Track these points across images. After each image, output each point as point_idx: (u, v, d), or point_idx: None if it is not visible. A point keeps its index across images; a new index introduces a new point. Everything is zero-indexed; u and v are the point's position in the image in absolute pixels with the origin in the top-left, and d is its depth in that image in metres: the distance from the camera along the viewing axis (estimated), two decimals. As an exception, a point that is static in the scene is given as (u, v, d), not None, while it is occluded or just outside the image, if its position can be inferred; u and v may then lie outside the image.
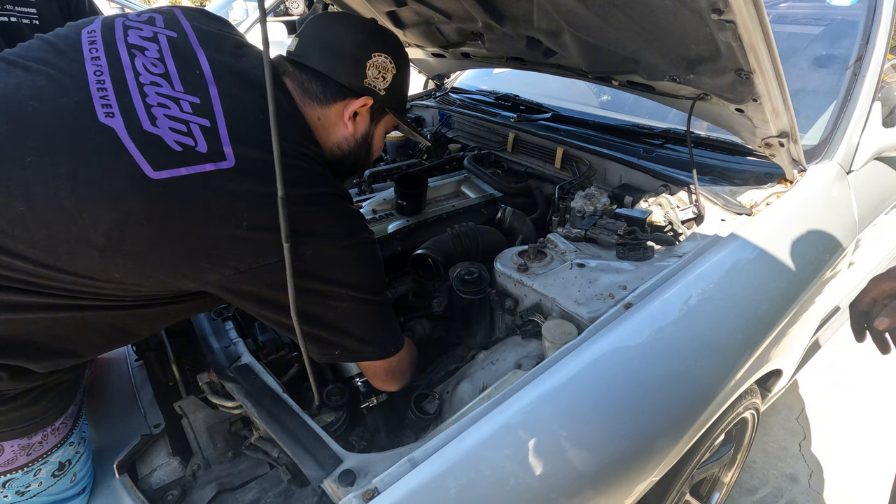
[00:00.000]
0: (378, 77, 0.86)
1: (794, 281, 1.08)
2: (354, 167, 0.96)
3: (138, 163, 0.64)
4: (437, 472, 0.71)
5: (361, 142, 0.92)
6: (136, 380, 1.15)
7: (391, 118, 0.95)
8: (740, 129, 1.20)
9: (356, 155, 0.92)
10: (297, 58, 0.85)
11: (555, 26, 1.23)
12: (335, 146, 0.89)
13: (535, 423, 0.76)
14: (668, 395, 0.85)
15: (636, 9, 0.97)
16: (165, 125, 0.66)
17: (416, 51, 2.04)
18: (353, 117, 0.87)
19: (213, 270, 0.68)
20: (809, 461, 1.62)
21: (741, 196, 1.21)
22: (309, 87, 0.84)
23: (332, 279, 0.75)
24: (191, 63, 0.74)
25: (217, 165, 0.66)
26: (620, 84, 1.33)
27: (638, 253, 1.08)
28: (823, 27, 1.66)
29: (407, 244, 1.34)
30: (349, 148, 0.90)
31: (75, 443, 0.88)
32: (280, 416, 0.83)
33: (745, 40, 0.85)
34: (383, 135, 0.97)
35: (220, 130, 0.69)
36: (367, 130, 0.92)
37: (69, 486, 0.88)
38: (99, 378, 1.22)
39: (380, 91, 0.87)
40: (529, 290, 1.05)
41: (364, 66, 0.84)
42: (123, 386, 1.15)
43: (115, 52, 0.72)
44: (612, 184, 1.44)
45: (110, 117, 0.65)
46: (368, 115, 0.90)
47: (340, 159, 0.91)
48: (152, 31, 0.76)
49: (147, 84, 0.69)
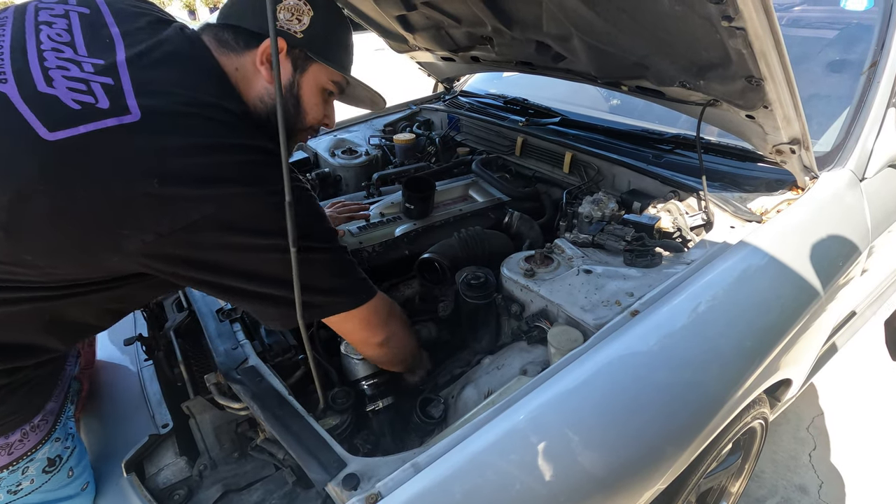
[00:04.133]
0: (292, 19, 0.81)
1: (805, 289, 1.06)
2: (287, 126, 0.90)
3: (31, 125, 0.59)
4: (441, 478, 0.71)
5: (287, 94, 0.85)
6: (144, 380, 1.16)
7: (325, 70, 0.87)
8: (751, 135, 1.19)
9: (283, 110, 0.86)
10: (218, 20, 0.84)
11: (564, 31, 1.23)
12: (258, 100, 0.83)
13: (539, 429, 0.76)
14: (675, 402, 0.85)
15: (645, 15, 0.97)
16: (63, 85, 0.62)
17: (426, 54, 2.05)
18: (268, 63, 0.80)
19: (132, 238, 0.63)
20: (820, 472, 1.60)
21: (751, 203, 1.20)
22: (222, 36, 0.81)
23: (258, 231, 0.69)
24: (100, 33, 0.71)
25: (120, 120, 0.61)
26: (630, 89, 1.32)
27: (645, 259, 1.08)
28: (838, 31, 1.64)
29: (414, 248, 1.35)
30: (273, 101, 0.82)
31: (61, 438, 0.87)
32: (285, 418, 0.84)
33: (756, 47, 0.84)
34: (316, 88, 0.88)
35: (123, 85, 0.64)
36: (291, 80, 0.85)
37: (67, 482, 0.87)
38: (107, 378, 1.23)
39: (295, 34, 0.81)
40: (535, 296, 1.05)
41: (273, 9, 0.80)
42: (132, 386, 1.17)
43: (22, 28, 0.70)
44: (621, 189, 1.44)
45: (3, 83, 0.62)
46: (289, 62, 0.83)
47: (267, 116, 0.83)
48: (64, 9, 0.75)
49: (48, 50, 0.66)
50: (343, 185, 1.90)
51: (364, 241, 1.32)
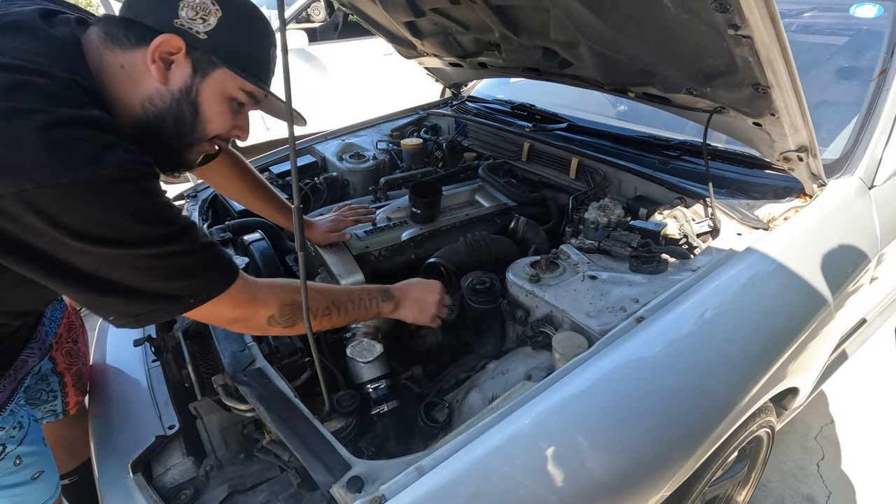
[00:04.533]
0: (195, 18, 0.74)
1: (813, 296, 1.06)
2: (180, 136, 0.79)
3: None
4: (446, 481, 0.71)
5: (181, 98, 0.76)
6: (152, 381, 1.18)
7: (233, 78, 0.78)
8: (758, 142, 1.19)
9: (177, 117, 0.77)
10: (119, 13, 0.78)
11: (571, 38, 1.24)
12: (146, 100, 0.75)
13: (543, 434, 0.76)
14: (680, 408, 0.85)
15: (653, 22, 0.97)
16: None
17: (434, 60, 2.06)
18: (161, 63, 0.73)
19: None
20: (828, 482, 1.58)
21: (758, 210, 1.19)
22: (112, 30, 0.74)
23: (67, 224, 0.60)
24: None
25: None
26: (636, 96, 1.32)
27: (651, 266, 1.08)
28: (847, 38, 1.63)
29: (420, 252, 1.35)
30: (164, 104, 0.76)
31: (6, 427, 0.88)
32: (291, 420, 0.84)
33: (763, 55, 0.84)
34: (221, 96, 0.79)
35: None
36: (188, 84, 0.76)
37: (13, 470, 0.89)
38: (115, 379, 1.25)
39: (198, 34, 0.74)
40: (541, 301, 1.05)
41: (176, 5, 0.73)
42: (140, 387, 1.18)
43: None
44: (627, 195, 1.44)
45: None
46: (188, 64, 0.75)
47: (156, 120, 0.76)
48: None
49: None
50: (350, 189, 1.91)
51: (371, 245, 1.33)
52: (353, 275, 1.24)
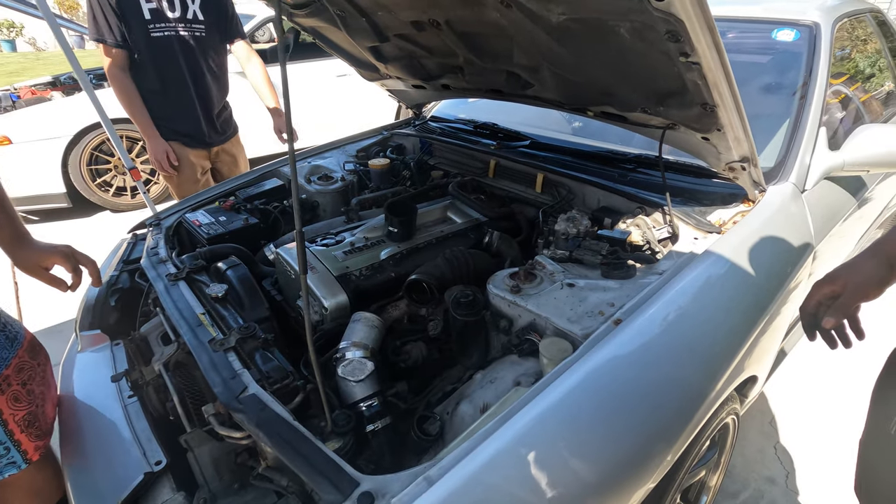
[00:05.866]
0: None
1: (764, 292, 1.18)
2: None
3: None
4: (455, 488, 0.74)
5: None
6: (130, 417, 1.14)
7: None
8: (706, 154, 1.31)
9: None
10: None
11: (533, 62, 1.32)
12: None
13: (542, 434, 0.81)
14: (662, 400, 0.92)
15: (609, 50, 1.07)
16: None
17: (397, 82, 2.11)
18: None
19: None
20: (785, 462, 1.72)
21: (710, 216, 1.31)
22: None
23: None
24: None
25: None
26: (595, 114, 1.42)
27: (622, 272, 1.16)
28: (770, 57, 1.82)
29: (400, 270, 1.38)
30: None
31: None
32: (293, 443, 0.85)
33: (710, 79, 0.95)
34: None
35: None
36: None
37: None
38: (88, 417, 1.19)
39: None
40: (524, 311, 1.11)
41: None
42: (116, 424, 1.13)
43: None
44: (591, 207, 1.53)
45: None
46: None
47: None
48: None
49: None
50: (320, 210, 1.92)
51: (351, 266, 1.35)
52: (337, 296, 1.26)
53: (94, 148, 3.78)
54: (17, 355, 1.12)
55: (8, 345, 1.11)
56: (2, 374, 1.08)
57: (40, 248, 1.19)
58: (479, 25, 1.29)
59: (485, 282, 1.22)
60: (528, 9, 1.03)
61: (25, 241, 1.17)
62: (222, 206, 1.81)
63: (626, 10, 0.87)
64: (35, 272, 1.19)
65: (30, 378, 1.16)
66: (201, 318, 1.17)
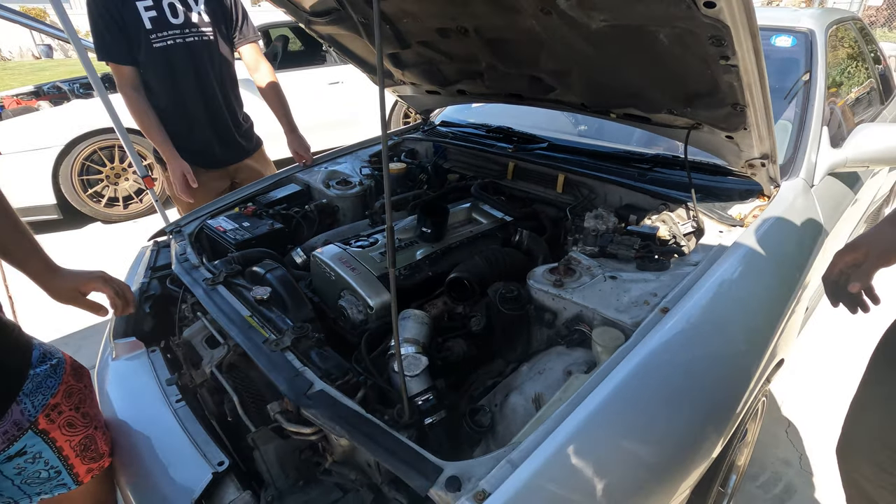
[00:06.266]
0: None
1: (791, 278, 1.26)
2: None
3: None
4: (537, 469, 0.78)
5: None
6: (183, 422, 1.14)
7: None
8: (726, 153, 1.38)
9: None
10: None
11: (563, 67, 1.38)
12: None
13: (611, 417, 0.86)
14: (715, 379, 0.98)
15: (645, 54, 1.13)
16: None
17: (409, 88, 2.15)
18: None
19: None
20: (797, 445, 1.80)
21: (730, 210, 1.39)
22: None
23: None
24: None
25: None
26: (618, 116, 1.49)
27: (657, 264, 1.22)
28: (769, 62, 1.92)
29: (436, 269, 1.42)
30: None
31: None
32: (372, 434, 0.87)
33: (745, 81, 1.02)
34: None
35: None
36: None
37: None
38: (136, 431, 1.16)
39: None
40: (569, 303, 1.15)
41: None
42: (169, 431, 1.13)
43: None
44: (614, 205, 1.59)
45: None
46: None
47: None
48: None
49: None
50: (340, 214, 1.94)
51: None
52: (381, 295, 1.28)
53: (86, 158, 3.70)
54: (63, 381, 1.08)
55: (52, 372, 1.07)
56: (49, 402, 1.04)
57: (75, 274, 1.15)
58: (510, 32, 1.34)
59: (518, 279, 1.27)
60: (570, 16, 1.09)
61: (56, 271, 1.13)
62: (244, 212, 1.82)
63: (672, 17, 0.93)
64: (74, 300, 1.15)
65: (81, 401, 1.12)
66: (250, 320, 1.18)
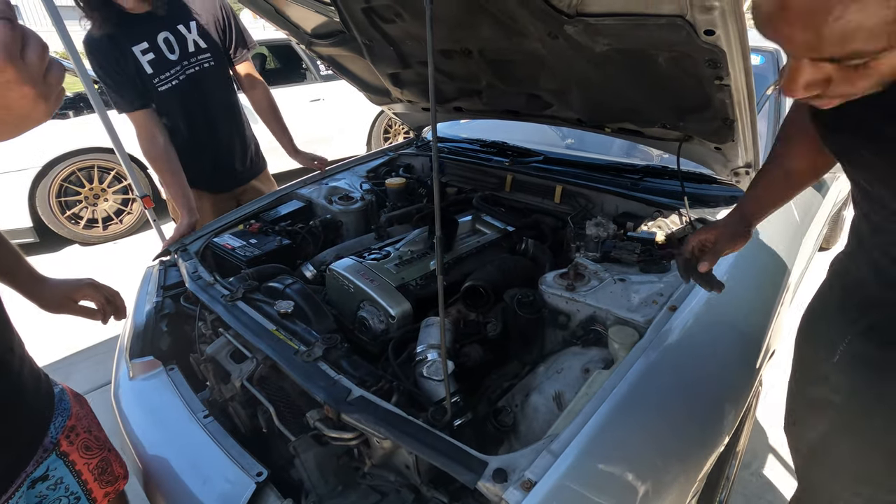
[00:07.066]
0: None
1: (780, 272, 1.37)
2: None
3: None
4: (576, 457, 0.84)
5: None
6: (216, 436, 1.15)
7: None
8: (713, 162, 1.50)
9: None
10: None
11: (562, 86, 1.48)
12: None
13: (638, 405, 0.93)
14: (726, 365, 1.07)
15: (643, 74, 1.23)
16: None
17: (405, 105, 2.22)
18: None
19: None
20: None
21: (718, 215, 1.50)
22: None
23: None
24: None
25: None
26: (613, 131, 1.59)
27: (659, 266, 1.31)
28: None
29: (448, 277, 1.48)
30: None
31: None
32: (415, 434, 0.92)
33: (735, 98, 1.13)
34: None
35: None
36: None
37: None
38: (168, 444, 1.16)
39: None
40: (583, 305, 1.23)
41: None
42: (202, 445, 1.14)
43: None
44: (611, 213, 1.69)
45: None
46: None
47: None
48: None
49: None
50: (344, 229, 1.98)
51: (406, 276, 1.43)
52: (402, 304, 1.33)
53: (64, 179, 3.62)
54: (70, 405, 1.06)
55: (62, 395, 1.07)
56: (67, 424, 1.02)
57: (64, 282, 1.14)
58: (514, 54, 1.44)
59: (527, 285, 1.34)
60: (576, 41, 1.18)
61: (44, 280, 1.11)
62: (249, 229, 1.84)
63: (672, 42, 1.04)
64: (66, 308, 1.13)
65: (90, 425, 1.10)
66: (277, 333, 1.22)
